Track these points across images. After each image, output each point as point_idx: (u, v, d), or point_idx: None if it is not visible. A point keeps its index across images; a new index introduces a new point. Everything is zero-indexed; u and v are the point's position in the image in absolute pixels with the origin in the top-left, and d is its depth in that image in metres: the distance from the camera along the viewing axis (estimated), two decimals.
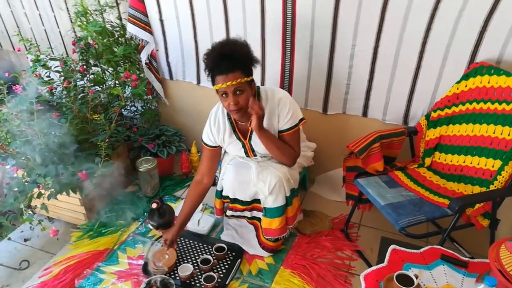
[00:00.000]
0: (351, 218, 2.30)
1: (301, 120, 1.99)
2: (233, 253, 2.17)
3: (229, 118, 2.02)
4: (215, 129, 2.05)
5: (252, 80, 1.85)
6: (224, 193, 2.15)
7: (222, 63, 1.77)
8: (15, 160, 2.07)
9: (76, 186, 2.09)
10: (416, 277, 1.36)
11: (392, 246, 1.57)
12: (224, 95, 1.81)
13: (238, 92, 1.79)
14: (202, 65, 2.59)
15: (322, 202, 2.58)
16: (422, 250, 1.57)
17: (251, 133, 2.01)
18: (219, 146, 2.11)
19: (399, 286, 1.33)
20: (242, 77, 1.77)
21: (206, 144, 2.11)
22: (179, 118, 2.96)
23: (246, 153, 2.09)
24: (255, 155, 2.09)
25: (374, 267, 1.49)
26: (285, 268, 2.09)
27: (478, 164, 1.90)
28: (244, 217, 2.21)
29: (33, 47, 2.47)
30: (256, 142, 2.01)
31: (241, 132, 2.04)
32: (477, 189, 1.88)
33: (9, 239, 2.10)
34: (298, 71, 2.37)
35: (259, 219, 2.14)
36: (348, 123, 2.43)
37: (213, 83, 1.83)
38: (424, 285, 1.42)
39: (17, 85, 2.18)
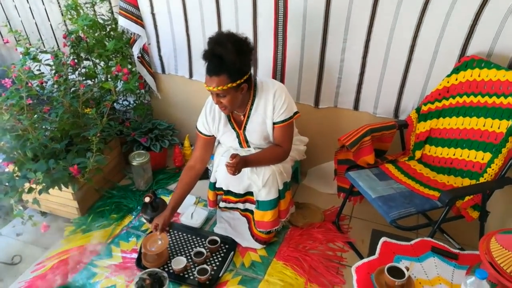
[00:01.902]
0: (343, 210, 2.33)
1: (295, 113, 2.00)
2: (226, 246, 2.18)
3: None
4: (211, 117, 2.06)
5: (241, 83, 1.82)
6: (217, 185, 2.16)
7: (210, 62, 1.79)
8: (6, 155, 2.06)
9: (67, 180, 2.08)
10: (407, 269, 1.38)
11: (383, 239, 1.59)
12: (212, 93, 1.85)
13: (221, 95, 1.82)
14: (194, 59, 2.63)
15: (314, 195, 2.60)
16: (412, 242, 1.59)
17: (245, 124, 2.02)
18: (213, 135, 2.12)
19: (390, 279, 1.35)
20: (226, 83, 1.76)
21: (201, 132, 2.12)
22: (171, 112, 2.96)
23: (240, 143, 2.10)
24: (248, 146, 2.10)
25: (365, 260, 1.51)
26: (277, 260, 2.11)
27: (468, 157, 1.92)
28: (237, 209, 2.22)
29: (22, 39, 2.44)
30: (251, 132, 2.03)
31: (236, 122, 2.05)
32: (467, 182, 1.91)
33: (1, 234, 2.09)
34: (290, 65, 2.37)
35: (251, 212, 2.15)
36: (340, 116, 2.44)
37: None
38: (415, 277, 1.44)
39: (6, 79, 2.16)
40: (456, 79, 1.98)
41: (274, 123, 1.99)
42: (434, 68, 2.07)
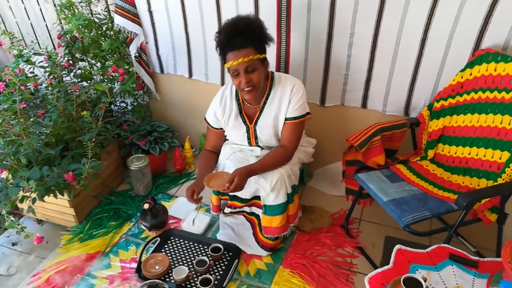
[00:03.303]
0: (351, 214, 2.22)
1: (307, 113, 1.96)
2: (230, 253, 2.08)
3: (237, 99, 1.98)
4: (221, 109, 1.99)
5: (265, 59, 1.82)
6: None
7: (234, 39, 1.75)
8: None
9: (63, 188, 1.99)
10: (425, 280, 1.27)
11: (397, 246, 1.48)
12: (235, 74, 1.78)
13: (250, 70, 1.77)
14: (194, 58, 2.53)
15: (320, 197, 2.49)
16: (429, 249, 1.48)
17: (257, 118, 1.94)
18: (222, 129, 2.05)
19: None
20: (254, 54, 1.75)
21: (210, 125, 2.07)
22: (171, 113, 2.86)
23: (249, 139, 2.01)
24: (257, 143, 2.01)
25: (379, 270, 1.40)
26: (284, 268, 2.01)
27: (484, 156, 1.81)
28: (242, 212, 2.12)
29: (16, 41, 2.35)
30: (262, 128, 1.96)
31: (247, 116, 1.97)
32: (483, 182, 1.80)
33: None
34: (294, 61, 2.26)
35: (257, 216, 2.06)
36: (347, 115, 2.34)
37: (224, 61, 1.80)
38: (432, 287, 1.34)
39: (0, 82, 2.07)
40: (471, 74, 1.87)
41: (286, 119, 1.92)
42: (447, 63, 1.96)
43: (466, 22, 1.83)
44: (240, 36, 1.74)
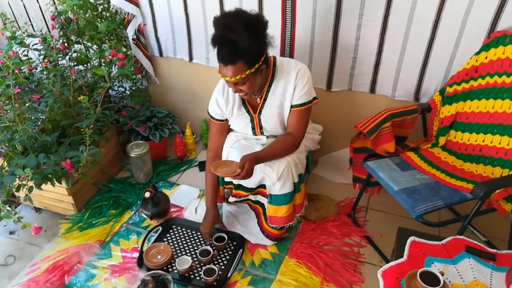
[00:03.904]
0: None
1: (314, 98, 1.86)
2: (234, 243, 2.02)
3: None
4: (223, 99, 1.89)
5: (260, 66, 1.65)
6: (226, 179, 1.99)
7: (222, 49, 1.59)
8: None
9: (60, 176, 1.91)
10: (442, 274, 1.22)
11: (411, 238, 1.42)
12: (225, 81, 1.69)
13: (240, 83, 1.66)
14: (195, 40, 2.43)
15: (326, 185, 2.43)
16: (444, 241, 1.42)
17: (261, 107, 1.86)
18: (227, 119, 1.96)
19: (423, 286, 1.19)
20: (244, 70, 1.60)
21: (213, 118, 1.96)
22: (171, 98, 2.76)
23: (253, 129, 1.93)
24: (262, 133, 1.94)
25: (392, 263, 1.34)
26: (290, 258, 1.96)
27: (499, 143, 1.74)
28: (247, 200, 2.06)
29: (8, 23, 2.24)
30: (266, 117, 1.88)
31: (250, 105, 1.89)
32: (498, 171, 1.74)
33: None
34: (299, 44, 2.16)
35: (262, 204, 2.00)
36: (354, 100, 2.25)
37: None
38: (450, 282, 1.28)
39: None
40: (486, 57, 1.79)
41: (291, 106, 1.83)
42: (460, 45, 1.88)
43: (481, 1, 1.74)
44: (228, 48, 1.56)
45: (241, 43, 1.53)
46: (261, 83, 1.79)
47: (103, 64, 2.34)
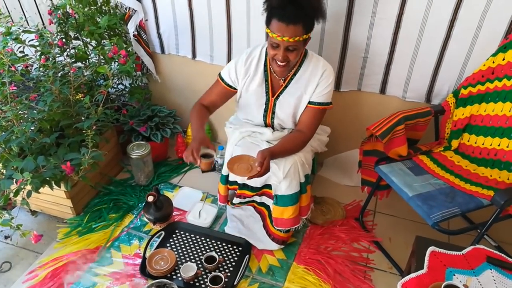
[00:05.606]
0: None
1: (330, 103, 1.83)
2: (240, 249, 1.96)
3: (265, 65, 1.82)
4: (244, 69, 1.82)
5: (309, 38, 1.66)
6: (230, 179, 1.92)
7: (286, 8, 1.55)
8: None
9: (59, 179, 1.83)
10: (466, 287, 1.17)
11: (431, 248, 1.36)
12: (274, 45, 1.64)
13: (291, 48, 1.63)
14: (198, 37, 2.34)
15: (332, 187, 2.37)
16: (464, 251, 1.37)
17: (280, 92, 1.82)
18: (235, 89, 1.88)
19: None
20: (301, 34, 1.59)
21: (223, 80, 1.88)
22: (172, 96, 2.68)
23: (265, 111, 1.87)
24: (272, 121, 1.88)
25: (413, 275, 1.29)
26: (298, 264, 1.90)
27: None
28: (252, 202, 1.99)
29: (3, 17, 2.14)
30: (282, 103, 1.83)
31: (272, 86, 1.83)
32: None
33: None
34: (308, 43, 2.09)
35: (267, 207, 1.93)
36: (363, 101, 2.19)
37: (268, 25, 1.62)
38: None
39: None
40: (504, 59, 1.73)
41: (309, 102, 1.79)
42: (476, 46, 1.82)
43: (500, 1, 1.68)
44: (293, 7, 1.55)
45: (308, 5, 1.56)
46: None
47: (102, 61, 2.24)
